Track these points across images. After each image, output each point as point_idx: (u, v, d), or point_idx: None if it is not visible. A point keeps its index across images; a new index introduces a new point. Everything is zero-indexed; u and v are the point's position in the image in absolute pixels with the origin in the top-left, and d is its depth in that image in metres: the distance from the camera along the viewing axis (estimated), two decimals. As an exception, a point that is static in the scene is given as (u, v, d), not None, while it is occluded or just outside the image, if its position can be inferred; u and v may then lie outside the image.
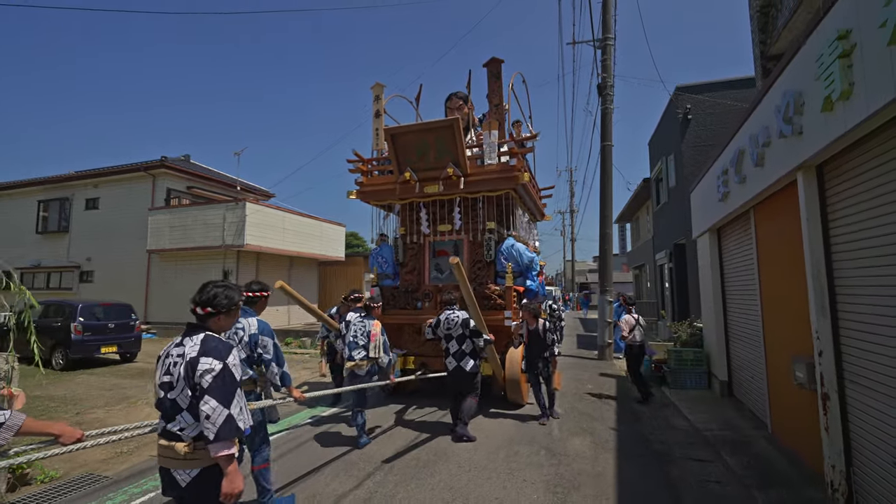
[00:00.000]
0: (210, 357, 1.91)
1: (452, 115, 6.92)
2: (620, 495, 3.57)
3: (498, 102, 6.77)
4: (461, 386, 5.03)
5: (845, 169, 3.20)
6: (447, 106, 7.66)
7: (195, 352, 1.92)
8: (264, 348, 3.18)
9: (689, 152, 11.83)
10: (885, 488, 2.84)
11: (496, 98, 6.80)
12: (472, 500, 3.48)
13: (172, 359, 1.97)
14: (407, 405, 6.39)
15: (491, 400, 6.43)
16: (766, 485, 3.67)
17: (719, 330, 6.68)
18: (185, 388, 1.91)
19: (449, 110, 7.56)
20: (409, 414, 5.99)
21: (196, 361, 1.90)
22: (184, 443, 1.88)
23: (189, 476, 1.88)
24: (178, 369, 1.93)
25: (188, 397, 1.90)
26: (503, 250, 6.46)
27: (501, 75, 6.78)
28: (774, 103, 3.82)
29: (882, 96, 2.42)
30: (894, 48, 2.26)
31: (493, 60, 6.77)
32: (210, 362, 1.90)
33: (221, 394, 1.87)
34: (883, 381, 2.82)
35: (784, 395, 4.48)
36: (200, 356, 1.90)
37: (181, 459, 1.88)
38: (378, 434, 5.14)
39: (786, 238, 4.23)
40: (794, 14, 6.19)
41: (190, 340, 1.97)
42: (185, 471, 1.89)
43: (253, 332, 3.16)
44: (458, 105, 7.50)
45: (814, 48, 3.10)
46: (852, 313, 3.18)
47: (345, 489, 3.70)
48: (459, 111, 7.40)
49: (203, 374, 1.88)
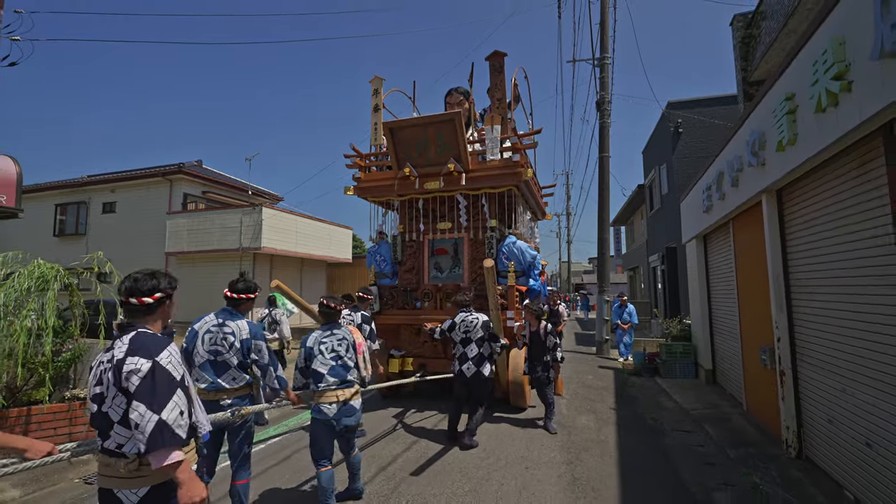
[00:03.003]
0: (136, 356, 1.65)
1: (453, 111, 6.66)
2: (621, 454, 4.44)
3: (500, 97, 6.46)
4: (477, 392, 4.74)
5: (798, 194, 4.08)
6: (447, 101, 7.52)
7: (122, 352, 1.67)
8: (259, 353, 2.99)
9: (679, 163, 12.77)
10: (823, 441, 3.72)
11: (498, 92, 6.49)
12: (503, 456, 4.33)
13: (103, 366, 1.70)
14: (406, 408, 6.15)
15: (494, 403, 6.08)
16: (737, 446, 4.55)
17: (705, 325, 7.57)
18: (116, 396, 1.64)
19: (449, 106, 7.40)
20: (408, 417, 5.76)
21: (122, 363, 1.64)
22: (127, 459, 1.64)
23: (137, 496, 1.65)
24: (107, 375, 1.67)
25: (120, 406, 1.64)
26: (504, 249, 6.36)
27: (504, 69, 6.48)
28: (745, 138, 4.71)
29: (815, 146, 3.29)
30: (819, 114, 3.13)
31: (496, 54, 6.46)
32: (136, 362, 1.63)
33: (150, 397, 1.60)
34: (825, 360, 3.70)
35: (755, 378, 5.36)
36: (127, 356, 1.65)
37: (125, 478, 1.64)
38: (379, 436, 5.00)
39: (756, 247, 5.11)
40: (768, 49, 7.14)
41: (119, 342, 1.72)
42: (132, 490, 1.64)
43: (245, 336, 2.95)
44: (458, 100, 7.35)
45: (771, 101, 3.99)
46: (804, 308, 4.06)
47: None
48: (460, 107, 7.21)
49: (129, 376, 1.61)
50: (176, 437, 1.61)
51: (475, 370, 4.69)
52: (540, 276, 6.90)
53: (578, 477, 3.92)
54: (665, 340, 8.95)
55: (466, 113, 7.24)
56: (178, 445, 1.62)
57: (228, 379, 2.92)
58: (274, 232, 15.71)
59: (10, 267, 3.98)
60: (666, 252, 13.96)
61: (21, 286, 3.65)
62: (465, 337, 4.82)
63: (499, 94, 6.49)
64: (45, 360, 4.15)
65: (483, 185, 6.27)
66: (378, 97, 7.10)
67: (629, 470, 4.07)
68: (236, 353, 2.93)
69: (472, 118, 7.49)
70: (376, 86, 7.15)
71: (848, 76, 2.77)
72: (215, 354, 2.92)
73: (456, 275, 6.74)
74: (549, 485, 3.76)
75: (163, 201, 17.28)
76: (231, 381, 2.93)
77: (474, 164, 6.33)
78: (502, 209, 6.68)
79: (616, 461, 4.28)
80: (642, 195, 18.55)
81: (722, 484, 3.77)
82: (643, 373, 8.73)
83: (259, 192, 21.15)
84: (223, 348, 2.93)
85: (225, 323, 2.98)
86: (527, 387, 5.91)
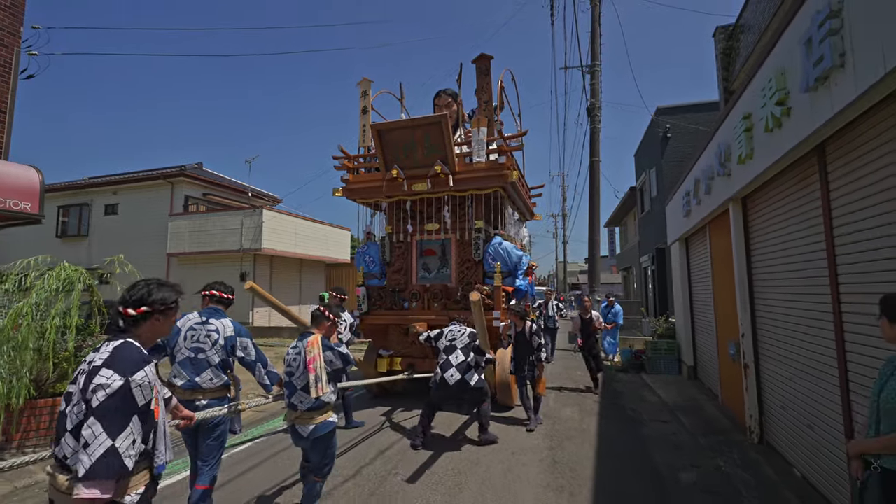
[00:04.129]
0: (111, 370, 1.54)
1: (441, 112, 6.75)
2: (601, 441, 4.83)
3: (487, 99, 6.51)
4: (463, 398, 4.69)
5: (758, 203, 4.47)
6: (435, 103, 7.54)
7: (101, 360, 1.57)
8: (244, 350, 3.02)
9: (668, 166, 13.19)
10: (779, 427, 4.12)
11: (485, 95, 6.54)
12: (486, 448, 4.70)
13: (83, 366, 1.62)
14: (393, 407, 6.24)
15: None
16: (708, 434, 4.94)
17: (687, 324, 7.97)
18: (78, 402, 1.53)
19: (437, 107, 7.42)
20: (396, 416, 5.83)
21: (95, 372, 1.54)
22: (66, 476, 1.52)
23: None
24: (80, 378, 1.58)
25: (77, 415, 1.52)
26: (491, 249, 6.43)
27: (490, 72, 6.54)
28: (714, 150, 5.10)
29: (766, 161, 3.68)
30: (768, 133, 3.52)
31: (482, 56, 6.50)
32: (109, 376, 1.52)
33: (109, 419, 1.49)
34: (780, 354, 4.09)
35: (727, 372, 5.76)
36: (103, 367, 1.55)
37: (64, 493, 1.52)
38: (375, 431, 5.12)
39: (727, 250, 5.50)
40: (745, 62, 7.54)
41: (105, 347, 1.64)
42: None
43: (229, 334, 2.98)
44: (446, 102, 7.38)
45: (734, 118, 4.38)
46: (764, 308, 4.45)
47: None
48: (448, 108, 7.25)
49: (96, 390, 1.50)
50: (123, 468, 1.48)
51: (459, 377, 4.56)
52: (527, 276, 7.01)
53: (559, 460, 4.30)
54: (651, 338, 9.35)
55: (454, 114, 7.29)
56: (118, 476, 1.49)
57: (206, 378, 2.89)
58: (274, 233, 16.06)
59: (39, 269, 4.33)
60: (656, 253, 14.39)
61: (50, 287, 4.01)
62: (449, 345, 4.82)
63: (485, 97, 6.56)
64: (68, 354, 4.53)
65: (470, 186, 6.37)
66: (366, 99, 7.16)
67: (606, 454, 4.46)
68: (219, 351, 2.92)
69: (461, 119, 7.53)
70: (364, 88, 7.21)
71: (788, 102, 3.16)
72: (196, 352, 2.91)
73: (444, 275, 6.85)
74: (532, 467, 4.15)
75: (164, 203, 17.60)
76: (209, 380, 2.90)
77: (461, 165, 6.40)
78: (489, 210, 6.79)
79: (595, 447, 4.67)
80: (634, 197, 18.97)
81: (689, 465, 4.15)
82: (630, 369, 9.13)
83: (258, 194, 21.48)
84: (206, 345, 2.92)
85: (208, 321, 3.00)
86: (513, 385, 5.99)
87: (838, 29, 2.42)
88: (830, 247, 3.03)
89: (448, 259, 6.92)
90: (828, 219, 3.05)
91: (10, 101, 5.80)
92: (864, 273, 2.70)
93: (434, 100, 7.61)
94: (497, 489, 3.70)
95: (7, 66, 5.75)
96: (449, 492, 3.66)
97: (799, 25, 2.91)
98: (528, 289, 7.03)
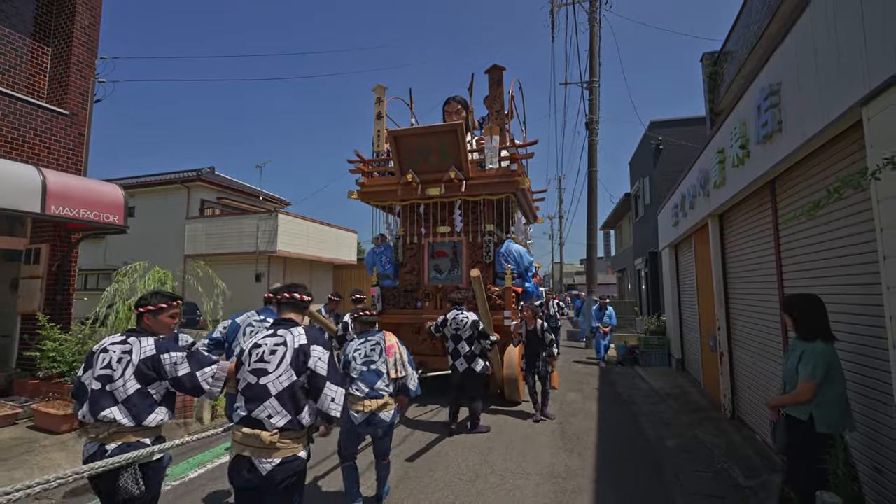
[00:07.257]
0: (318, 346, 2.20)
1: (450, 119, 7.09)
2: (600, 418, 5.76)
3: (499, 108, 6.81)
4: (470, 387, 5.09)
5: (732, 219, 5.41)
6: (445, 109, 7.77)
7: (305, 339, 2.18)
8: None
9: (660, 176, 14.18)
10: (747, 404, 5.06)
11: (497, 104, 6.84)
12: (510, 421, 5.61)
13: (281, 347, 2.17)
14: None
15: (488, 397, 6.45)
16: (690, 413, 5.88)
17: (675, 321, 8.92)
18: (287, 372, 2.09)
19: (447, 114, 7.70)
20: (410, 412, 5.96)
21: (306, 348, 2.15)
22: (270, 432, 2.00)
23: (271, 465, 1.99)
24: (277, 356, 2.13)
25: (286, 381, 2.08)
26: (503, 252, 6.70)
27: (503, 82, 6.90)
28: (696, 174, 6.04)
29: (734, 189, 4.62)
30: (735, 168, 4.45)
31: (495, 67, 6.85)
32: (320, 350, 2.20)
33: (334, 374, 2.18)
34: (747, 343, 5.02)
35: (708, 362, 6.70)
36: (311, 344, 2.17)
37: (266, 448, 2.00)
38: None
39: (708, 257, 6.45)
40: (727, 90, 8.51)
41: (296, 331, 2.22)
42: (266, 460, 2.00)
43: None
44: (455, 109, 7.59)
45: (711, 150, 5.32)
46: (736, 305, 5.38)
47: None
48: (457, 115, 7.50)
49: (315, 362, 2.14)
50: None
51: (466, 366, 5.05)
52: (534, 278, 7.49)
53: (567, 431, 5.23)
54: (644, 335, 10.30)
55: (465, 121, 7.47)
56: None
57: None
58: (288, 236, 16.89)
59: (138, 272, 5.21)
60: (649, 256, 15.37)
61: (149, 285, 4.88)
62: (455, 334, 5.15)
63: (497, 106, 6.86)
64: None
65: (482, 191, 6.66)
66: (381, 105, 7.41)
67: (605, 427, 5.39)
68: None
69: (472, 126, 7.87)
70: (379, 94, 7.44)
71: (748, 147, 4.08)
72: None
73: (455, 276, 7.15)
74: (546, 436, 5.06)
75: (181, 206, 18.37)
76: None
77: (474, 171, 6.69)
78: (499, 214, 7.10)
79: (596, 422, 5.59)
80: (629, 203, 19.97)
81: (672, 435, 5.08)
82: (625, 363, 10.09)
83: (269, 198, 22.29)
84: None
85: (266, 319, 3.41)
86: (521, 382, 6.22)
87: (777, 103, 3.34)
88: (778, 256, 3.96)
89: (459, 261, 7.22)
90: (776, 235, 3.98)
91: (88, 125, 6.64)
92: (800, 276, 3.62)
93: (444, 106, 7.88)
94: (520, 449, 4.62)
95: (85, 94, 6.60)
96: (481, 452, 4.56)
97: (753, 93, 3.84)
98: (534, 290, 7.69)
